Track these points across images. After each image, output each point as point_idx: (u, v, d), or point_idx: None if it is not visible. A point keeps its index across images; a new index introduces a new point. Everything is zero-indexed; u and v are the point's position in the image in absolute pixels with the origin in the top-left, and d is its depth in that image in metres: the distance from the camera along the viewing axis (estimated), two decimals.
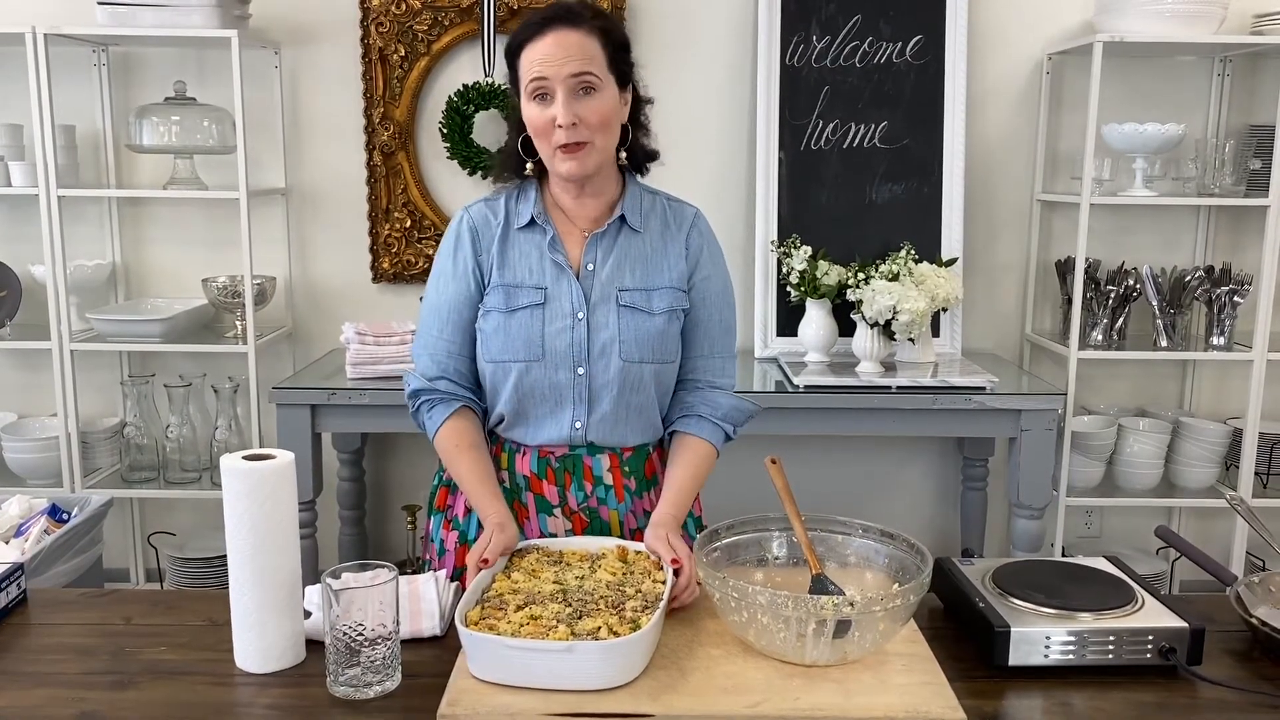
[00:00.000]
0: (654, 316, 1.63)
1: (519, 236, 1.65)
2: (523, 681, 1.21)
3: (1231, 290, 2.99)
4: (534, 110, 1.56)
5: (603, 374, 1.62)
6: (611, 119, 1.58)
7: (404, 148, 3.14)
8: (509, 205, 1.68)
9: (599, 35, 1.56)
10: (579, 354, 1.62)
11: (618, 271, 1.64)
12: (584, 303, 1.62)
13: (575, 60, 1.52)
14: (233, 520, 1.28)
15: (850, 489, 3.32)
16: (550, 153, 1.58)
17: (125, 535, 3.32)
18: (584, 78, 1.53)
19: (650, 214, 1.69)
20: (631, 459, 1.69)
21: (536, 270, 1.63)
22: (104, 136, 3.14)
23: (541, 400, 1.64)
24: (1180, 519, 3.37)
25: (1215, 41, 2.90)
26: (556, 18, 1.55)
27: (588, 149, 1.56)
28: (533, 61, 1.54)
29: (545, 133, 1.56)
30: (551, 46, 1.53)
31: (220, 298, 3.06)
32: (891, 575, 1.41)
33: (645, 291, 1.64)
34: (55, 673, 1.31)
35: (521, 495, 1.68)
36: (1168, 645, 1.30)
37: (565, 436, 1.65)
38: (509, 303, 1.62)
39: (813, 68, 3.08)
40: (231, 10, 2.88)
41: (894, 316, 2.80)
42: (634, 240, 1.66)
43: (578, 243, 1.65)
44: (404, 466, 3.36)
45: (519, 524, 1.64)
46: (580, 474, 1.67)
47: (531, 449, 1.67)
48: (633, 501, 1.69)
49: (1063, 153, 3.19)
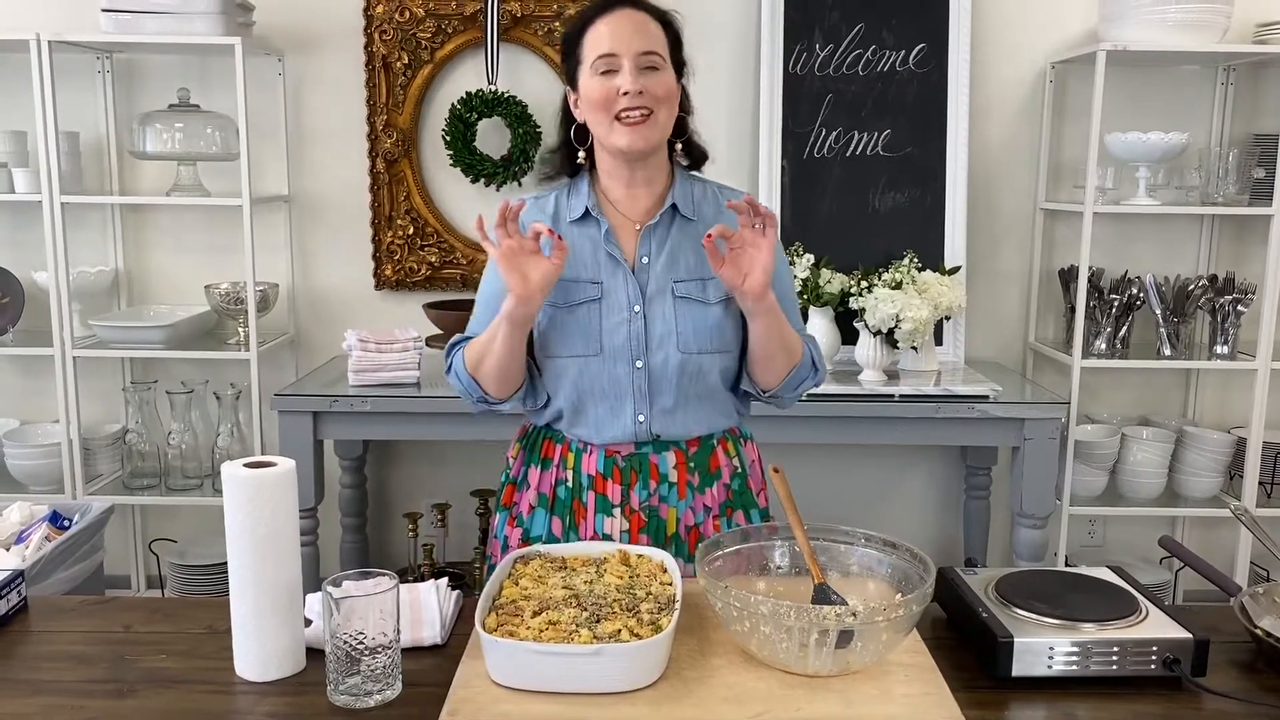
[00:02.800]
0: (710, 306, 1.63)
1: (572, 230, 1.65)
2: (547, 686, 1.21)
3: (1235, 299, 2.99)
4: (597, 83, 1.57)
5: (661, 367, 1.62)
6: (674, 96, 1.61)
7: (407, 155, 3.14)
8: (559, 201, 1.69)
9: (661, 23, 1.61)
10: (637, 347, 1.62)
11: (672, 263, 1.64)
12: (640, 296, 1.62)
13: (643, 37, 1.57)
14: (233, 528, 1.28)
15: (853, 498, 3.32)
16: (609, 127, 1.58)
17: (126, 542, 3.31)
18: (650, 56, 1.57)
19: (702, 201, 1.69)
20: (697, 454, 1.68)
21: (591, 264, 1.64)
22: (107, 143, 3.14)
23: (602, 395, 1.63)
24: (1184, 529, 3.36)
25: (1218, 51, 2.90)
26: (622, 1, 1.59)
27: (650, 121, 1.57)
28: (600, 37, 1.57)
29: (607, 104, 1.56)
30: (621, 22, 1.57)
31: (223, 304, 3.07)
32: (894, 585, 1.40)
33: (701, 281, 1.64)
34: (55, 680, 1.30)
35: (583, 494, 1.67)
36: (1172, 656, 1.29)
37: (630, 432, 1.64)
38: (565, 298, 1.62)
39: (815, 76, 3.08)
40: (235, 18, 2.89)
41: (897, 325, 2.79)
42: (688, 229, 1.66)
43: (631, 236, 1.66)
44: (406, 474, 3.36)
45: (575, 524, 1.67)
46: (646, 472, 1.66)
47: (598, 448, 1.66)
48: (694, 497, 1.68)
49: (1066, 161, 3.18)
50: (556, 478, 1.70)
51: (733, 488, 1.72)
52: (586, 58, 1.58)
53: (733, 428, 1.75)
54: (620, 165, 1.64)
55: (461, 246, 3.19)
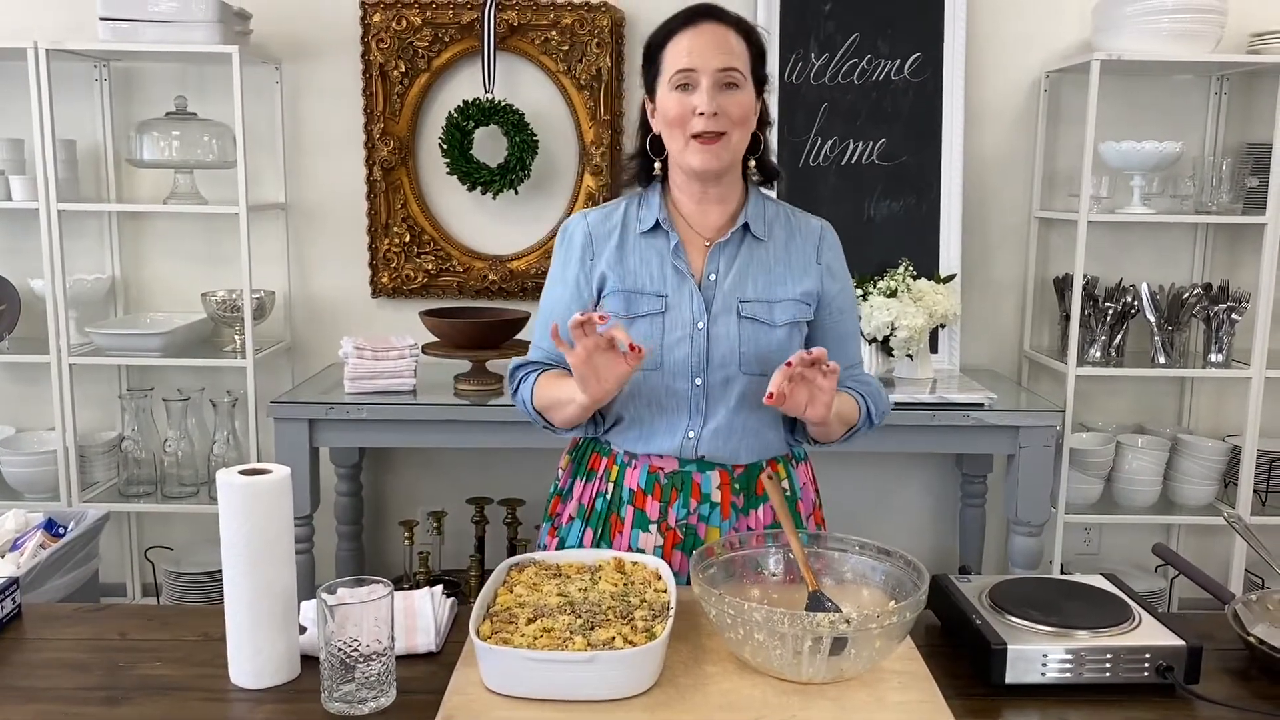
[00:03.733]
0: (775, 329, 1.62)
1: (640, 242, 1.65)
2: (541, 693, 1.21)
3: (1229, 307, 3.00)
4: (673, 99, 1.56)
5: (720, 385, 1.61)
6: (750, 117, 1.60)
7: (404, 163, 3.15)
8: (629, 211, 1.68)
9: (744, 37, 1.59)
10: (698, 364, 1.61)
11: (740, 282, 1.63)
12: (705, 312, 1.61)
13: (724, 54, 1.55)
14: (228, 535, 1.28)
15: (849, 505, 3.32)
16: (683, 144, 1.58)
17: (122, 549, 3.31)
18: (730, 73, 1.55)
19: (774, 223, 1.68)
20: (742, 476, 1.67)
21: (658, 277, 1.63)
22: (104, 151, 3.15)
23: (660, 409, 1.63)
24: (1179, 536, 3.37)
25: (1212, 60, 2.91)
26: (706, 13, 1.58)
27: (723, 141, 1.56)
28: (680, 51, 1.56)
29: (682, 121, 1.56)
30: (703, 37, 1.55)
31: (219, 312, 3.07)
32: (888, 592, 1.40)
33: (767, 304, 1.63)
34: (49, 688, 1.30)
35: (622, 509, 1.67)
36: (1165, 663, 1.29)
37: (676, 447, 1.63)
38: (629, 309, 1.62)
39: (811, 85, 3.09)
40: (233, 26, 2.90)
41: (892, 333, 2.80)
42: (758, 249, 1.65)
43: (699, 251, 1.65)
44: (402, 482, 3.36)
45: (610, 537, 1.66)
46: (688, 491, 1.65)
47: (642, 463, 1.66)
48: (737, 518, 1.66)
49: (1060, 170, 3.19)
50: (598, 490, 1.70)
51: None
52: (665, 70, 1.57)
53: (786, 452, 1.74)
54: (692, 181, 1.63)
55: (458, 254, 3.19)
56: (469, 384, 2.83)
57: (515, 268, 3.19)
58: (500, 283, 3.20)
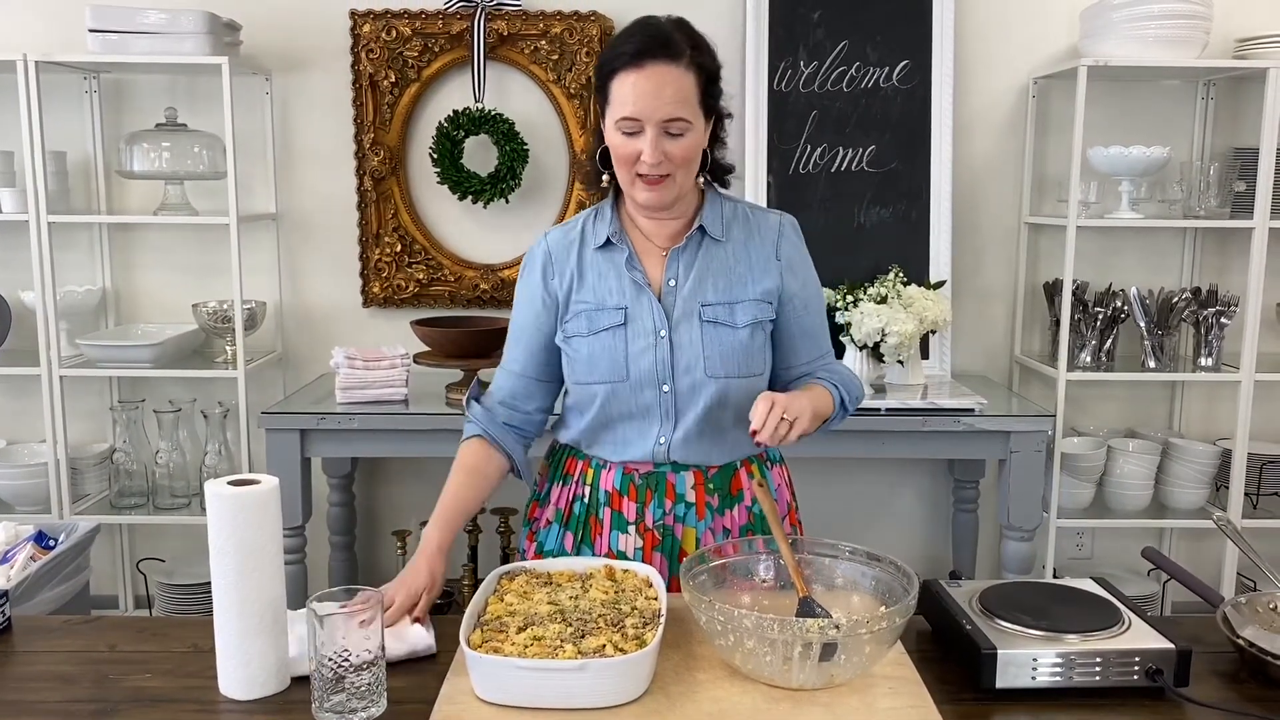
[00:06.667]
0: (738, 330, 1.63)
1: (597, 257, 1.66)
2: (532, 702, 1.21)
3: (1218, 311, 3.01)
4: (619, 139, 1.55)
5: (688, 391, 1.62)
6: (695, 155, 1.58)
7: (394, 173, 3.15)
8: (585, 227, 1.69)
9: (695, 71, 1.53)
10: (664, 371, 1.62)
11: (699, 286, 1.64)
12: (665, 320, 1.62)
13: (669, 104, 1.50)
14: (217, 546, 1.28)
15: (840, 512, 3.32)
16: (630, 180, 1.58)
17: (114, 562, 3.30)
18: (675, 123, 1.52)
19: (733, 223, 1.68)
20: (716, 476, 1.68)
21: (616, 290, 1.64)
22: (95, 162, 3.15)
23: (629, 419, 1.64)
24: (1171, 540, 3.38)
25: (1199, 65, 2.93)
26: (654, 50, 1.51)
27: (668, 182, 1.56)
28: (625, 98, 1.51)
29: (628, 162, 1.55)
30: (647, 84, 1.50)
31: (210, 323, 3.06)
32: (879, 598, 1.41)
33: (729, 305, 1.63)
34: (38, 700, 1.30)
35: (599, 511, 1.68)
36: (1154, 667, 1.30)
37: (649, 453, 1.65)
38: (590, 325, 1.63)
39: (800, 93, 3.10)
40: (222, 37, 2.90)
41: (883, 339, 2.80)
42: (716, 251, 1.65)
43: (657, 260, 1.66)
44: (394, 491, 3.35)
45: (591, 540, 1.68)
46: (663, 491, 1.66)
47: (617, 466, 1.67)
48: (713, 519, 1.67)
49: (1049, 176, 3.21)
50: (574, 494, 1.71)
51: (755, 511, 1.71)
52: (612, 109, 1.55)
53: (760, 453, 1.74)
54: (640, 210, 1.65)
55: (449, 264, 3.19)
56: (461, 393, 2.82)
57: (507, 276, 3.19)
58: (492, 292, 3.20)
